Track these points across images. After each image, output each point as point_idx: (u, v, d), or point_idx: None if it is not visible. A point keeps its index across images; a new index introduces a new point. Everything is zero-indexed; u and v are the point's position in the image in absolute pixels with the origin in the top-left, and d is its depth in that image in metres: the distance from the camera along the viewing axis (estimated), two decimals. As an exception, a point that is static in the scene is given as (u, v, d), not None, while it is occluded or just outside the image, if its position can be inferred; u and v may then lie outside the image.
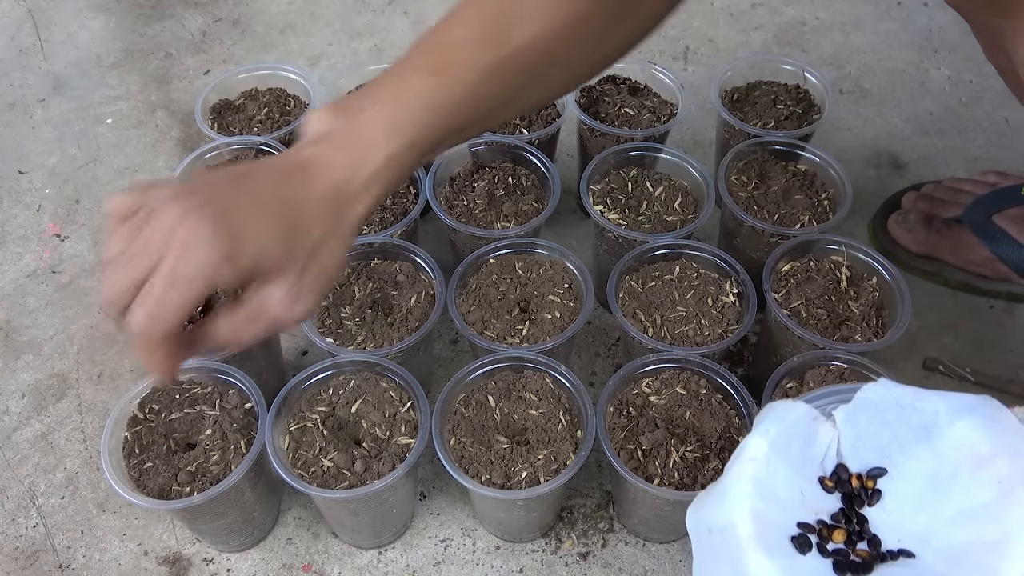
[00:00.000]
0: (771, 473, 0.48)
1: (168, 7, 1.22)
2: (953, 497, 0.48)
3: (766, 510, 0.47)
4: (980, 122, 1.01)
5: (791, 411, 0.51)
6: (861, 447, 0.51)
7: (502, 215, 0.78)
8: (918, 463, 0.50)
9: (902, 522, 0.49)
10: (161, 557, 0.68)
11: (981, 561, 0.44)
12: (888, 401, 0.51)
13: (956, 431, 0.48)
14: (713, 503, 0.48)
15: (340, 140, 0.49)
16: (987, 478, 0.46)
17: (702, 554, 0.49)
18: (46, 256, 0.91)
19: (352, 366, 0.66)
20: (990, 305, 0.83)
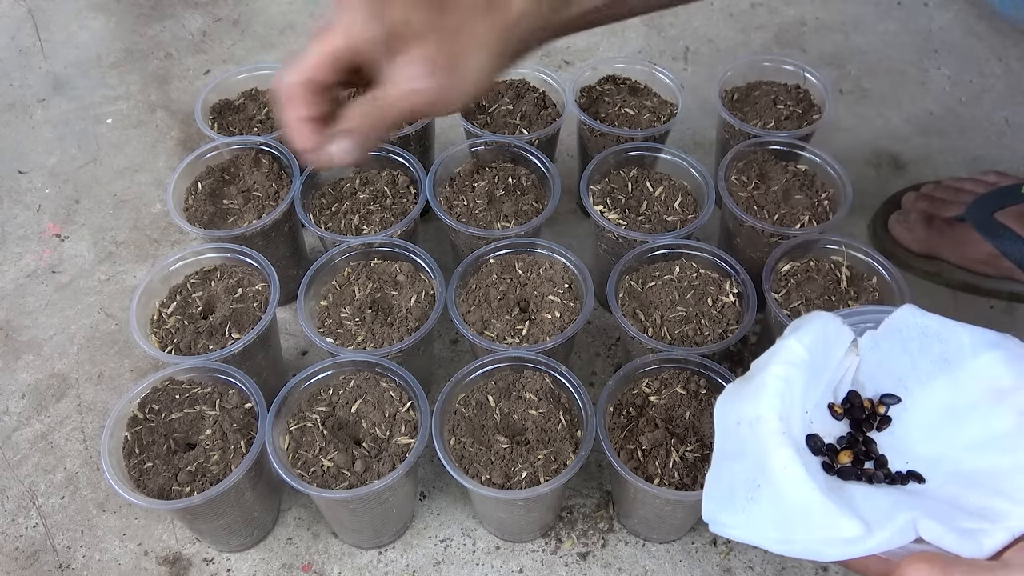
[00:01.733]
0: (796, 382, 0.49)
1: (168, 7, 1.22)
2: (969, 426, 0.48)
3: (789, 414, 0.47)
4: (980, 122, 1.01)
5: (829, 324, 0.51)
6: (880, 373, 0.52)
7: (502, 215, 0.78)
8: (934, 394, 0.50)
9: (912, 447, 0.50)
10: (161, 557, 0.68)
11: (996, 486, 0.45)
12: (914, 329, 0.51)
13: (978, 363, 0.49)
14: (746, 397, 0.49)
15: None
16: (1006, 410, 0.47)
17: (727, 444, 0.49)
18: (46, 256, 0.91)
19: (352, 366, 0.66)
20: (990, 305, 0.83)
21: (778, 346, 0.50)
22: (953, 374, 0.50)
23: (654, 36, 1.15)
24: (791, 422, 0.47)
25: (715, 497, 0.48)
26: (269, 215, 0.76)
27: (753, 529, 0.45)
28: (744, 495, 0.46)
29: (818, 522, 0.43)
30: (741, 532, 0.46)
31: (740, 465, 0.47)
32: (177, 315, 0.71)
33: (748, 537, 0.45)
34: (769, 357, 0.50)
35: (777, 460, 0.45)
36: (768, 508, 0.45)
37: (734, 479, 0.47)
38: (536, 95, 0.89)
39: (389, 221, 0.78)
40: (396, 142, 0.83)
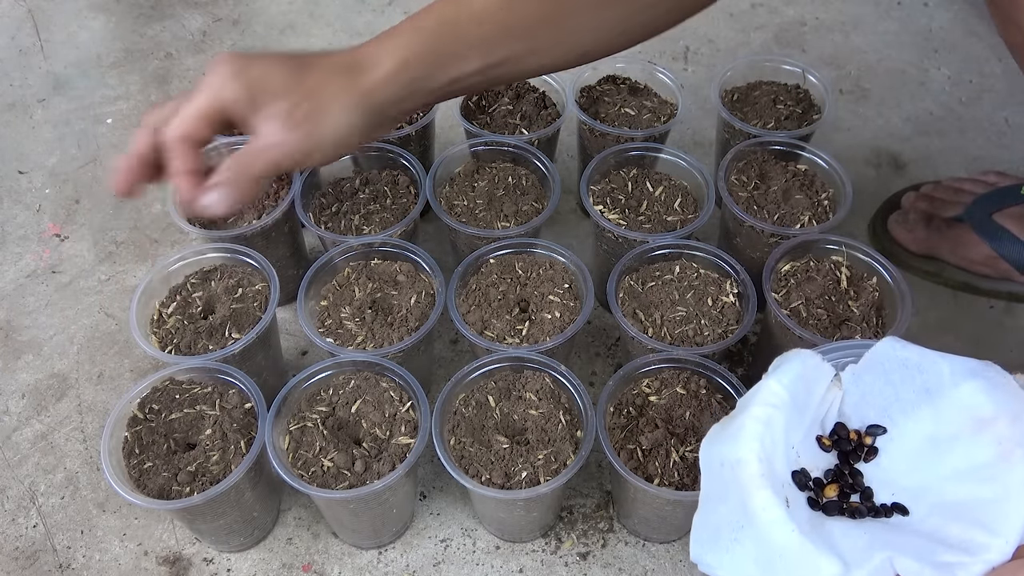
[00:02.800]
0: (777, 422, 0.49)
1: (168, 7, 1.22)
2: (951, 457, 0.49)
3: (770, 454, 0.48)
4: (980, 122, 1.01)
5: (808, 361, 0.52)
6: (864, 405, 0.53)
7: (502, 215, 0.78)
8: (918, 423, 0.51)
9: (897, 479, 0.50)
10: (161, 557, 0.68)
11: (976, 517, 0.45)
12: (895, 361, 0.51)
13: (959, 393, 0.49)
14: (727, 439, 0.49)
15: (350, 51, 0.54)
16: (987, 440, 0.47)
17: (711, 486, 0.50)
18: (46, 256, 0.91)
19: (352, 366, 0.66)
20: (990, 305, 0.83)
21: (759, 387, 0.51)
22: (935, 404, 0.50)
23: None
24: (773, 462, 0.48)
25: (701, 539, 0.49)
26: (269, 215, 0.76)
27: (736, 569, 0.46)
28: (728, 536, 0.47)
29: (797, 562, 0.43)
30: (726, 572, 0.47)
31: (724, 507, 0.48)
32: (177, 315, 0.71)
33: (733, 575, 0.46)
34: (750, 397, 0.51)
35: (757, 502, 0.45)
36: (750, 549, 0.46)
37: (719, 520, 0.48)
38: (536, 95, 0.89)
39: (389, 221, 0.78)
40: (396, 142, 0.83)
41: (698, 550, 0.49)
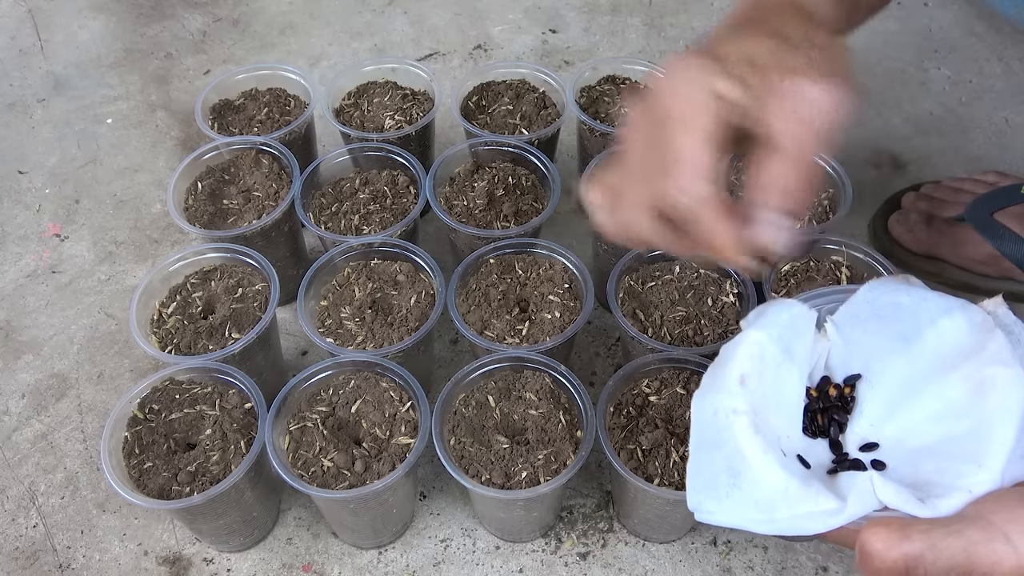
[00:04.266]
0: (770, 370, 0.49)
1: (168, 7, 1.22)
2: (925, 400, 0.49)
3: (763, 405, 0.48)
4: (980, 122, 1.01)
5: (793, 310, 0.51)
6: (848, 356, 0.53)
7: (502, 215, 0.78)
8: (894, 370, 0.51)
9: (879, 428, 0.51)
10: (161, 557, 0.68)
11: (952, 452, 0.45)
12: (886, 305, 0.51)
13: (933, 332, 0.49)
14: (719, 389, 0.49)
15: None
16: (957, 377, 0.47)
17: (705, 434, 0.49)
18: (46, 256, 0.91)
19: (352, 366, 0.66)
20: (991, 303, 0.83)
21: (742, 337, 0.50)
22: (911, 349, 0.50)
23: (654, 36, 1.15)
24: (767, 415, 0.48)
25: (698, 486, 0.48)
26: (269, 215, 0.76)
27: (737, 512, 0.46)
28: (726, 481, 0.47)
29: (797, 499, 0.44)
30: (725, 517, 0.46)
31: (719, 454, 0.47)
32: (177, 315, 0.71)
33: (732, 521, 0.46)
34: (733, 347, 0.50)
35: (754, 449, 0.46)
36: (750, 491, 0.45)
37: (715, 467, 0.47)
38: (536, 95, 0.89)
39: (389, 221, 0.78)
40: (396, 142, 0.83)
41: (696, 498, 0.48)
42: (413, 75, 0.91)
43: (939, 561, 0.38)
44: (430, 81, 0.89)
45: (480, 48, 1.14)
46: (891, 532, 0.39)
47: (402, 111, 0.87)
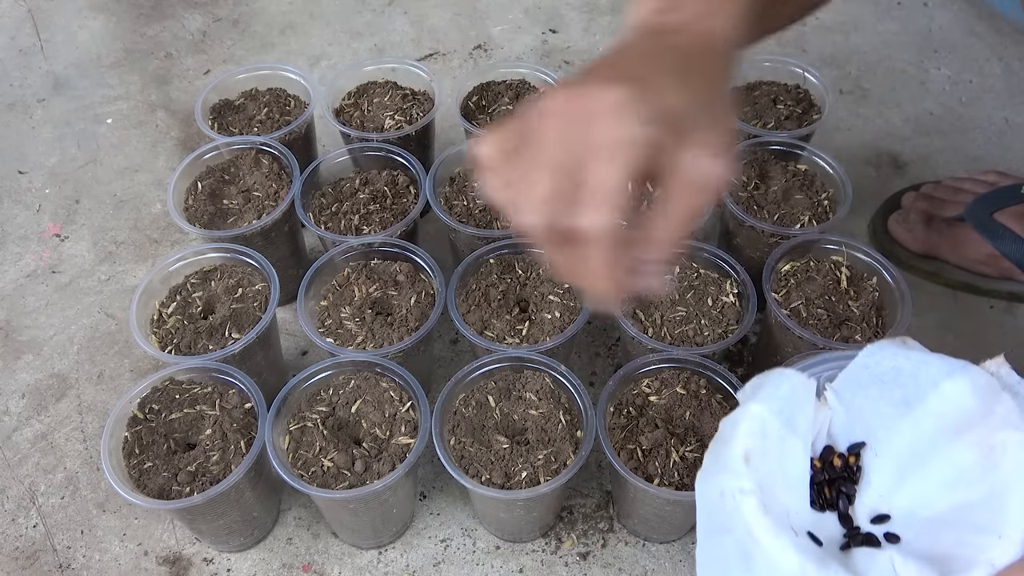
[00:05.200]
0: (773, 446, 0.48)
1: (168, 7, 1.22)
2: (936, 467, 0.48)
3: (770, 483, 0.47)
4: (980, 122, 1.01)
5: (792, 380, 0.50)
6: (850, 424, 0.52)
7: (502, 215, 0.78)
8: (900, 437, 0.50)
9: (890, 498, 0.50)
10: (161, 557, 0.68)
11: (971, 521, 0.44)
12: (888, 370, 0.50)
13: (937, 397, 0.48)
14: (723, 468, 0.48)
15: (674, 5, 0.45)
16: (967, 442, 0.47)
17: (713, 518, 0.48)
18: (46, 256, 0.91)
19: (352, 366, 0.66)
20: (990, 305, 0.83)
21: (742, 412, 0.49)
22: (914, 414, 0.49)
23: (654, 36, 1.15)
24: (775, 491, 0.47)
25: (711, 574, 0.47)
26: (269, 215, 0.76)
27: None
28: (738, 566, 0.45)
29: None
30: None
31: (729, 538, 0.46)
32: (177, 315, 0.71)
33: None
34: (734, 423, 0.49)
35: (765, 531, 0.44)
36: (765, 574, 0.44)
37: (725, 552, 0.46)
38: (536, 95, 0.89)
39: (389, 221, 0.78)
40: (396, 142, 0.83)
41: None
42: (413, 75, 0.91)
43: None
44: (430, 81, 0.89)
45: (480, 48, 1.14)
46: None
47: (402, 111, 0.87)
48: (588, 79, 0.41)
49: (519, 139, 0.41)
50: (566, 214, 0.39)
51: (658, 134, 0.39)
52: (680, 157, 0.40)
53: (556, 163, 0.39)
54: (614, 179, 0.38)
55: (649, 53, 0.44)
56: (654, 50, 0.44)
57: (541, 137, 0.40)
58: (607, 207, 0.38)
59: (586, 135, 0.39)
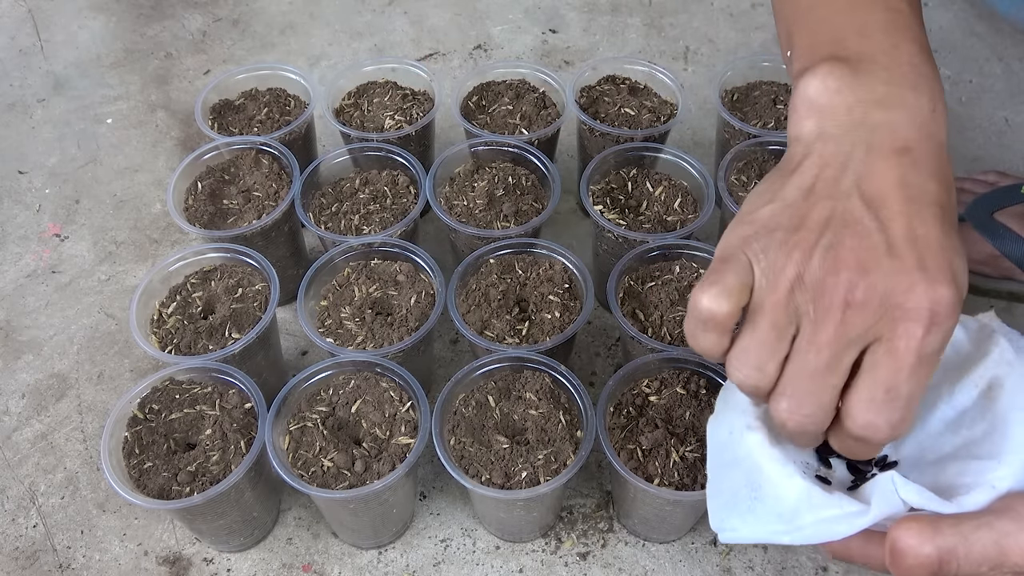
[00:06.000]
0: None
1: (168, 7, 1.22)
2: (939, 411, 0.49)
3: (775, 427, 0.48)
4: (980, 122, 1.01)
5: None
6: None
7: (502, 215, 0.78)
8: None
9: (897, 448, 0.50)
10: (161, 557, 0.68)
11: (972, 453, 0.45)
12: None
13: None
14: (733, 408, 0.49)
15: (884, 99, 0.43)
16: (966, 384, 0.48)
17: (722, 454, 0.49)
18: (46, 256, 0.91)
19: (352, 366, 0.66)
20: (990, 305, 0.83)
21: None
22: None
23: (654, 36, 1.15)
24: (780, 437, 0.48)
25: (719, 505, 0.48)
26: (269, 215, 0.76)
27: (761, 526, 0.45)
28: (747, 495, 0.46)
29: (822, 504, 0.43)
30: (750, 531, 0.46)
31: (738, 470, 0.47)
32: (177, 315, 0.71)
33: (758, 535, 0.46)
34: None
35: (772, 461, 0.45)
36: (772, 504, 0.45)
37: (734, 484, 0.47)
38: (536, 95, 0.89)
39: (389, 221, 0.78)
40: (396, 142, 0.83)
41: (718, 515, 0.47)
42: (413, 75, 0.91)
43: (971, 554, 0.38)
44: (430, 81, 0.89)
45: (480, 48, 1.14)
46: (922, 527, 0.39)
47: (402, 111, 0.87)
48: (887, 253, 0.39)
49: (774, 301, 0.40)
50: (857, 417, 0.40)
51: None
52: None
53: (850, 358, 0.39)
54: (916, 391, 0.39)
55: (917, 205, 0.40)
56: (897, 183, 0.41)
57: (826, 322, 0.39)
58: (904, 417, 0.39)
59: (896, 333, 0.38)
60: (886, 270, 0.38)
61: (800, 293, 0.40)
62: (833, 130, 0.43)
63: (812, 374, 0.40)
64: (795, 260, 0.40)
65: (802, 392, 0.41)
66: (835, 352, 0.40)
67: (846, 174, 0.42)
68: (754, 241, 0.42)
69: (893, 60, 0.44)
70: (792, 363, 0.41)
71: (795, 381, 0.41)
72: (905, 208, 0.40)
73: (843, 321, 0.39)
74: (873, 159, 0.42)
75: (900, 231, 0.39)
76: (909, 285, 0.38)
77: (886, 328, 0.39)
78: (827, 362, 0.40)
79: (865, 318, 0.39)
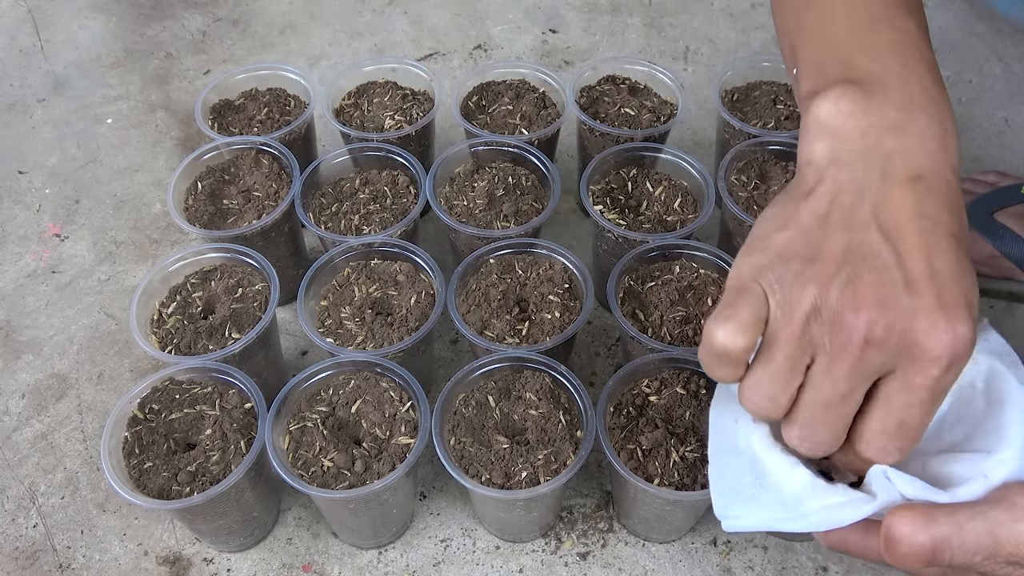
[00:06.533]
0: None
1: (168, 7, 1.22)
2: None
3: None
4: (980, 122, 1.01)
5: None
6: None
7: (502, 215, 0.78)
8: None
9: None
10: (161, 557, 0.68)
11: (960, 449, 0.46)
12: None
13: None
14: (734, 396, 0.49)
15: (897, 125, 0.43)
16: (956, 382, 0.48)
17: (724, 440, 0.49)
18: (46, 256, 0.91)
19: (352, 366, 0.66)
20: (990, 305, 0.83)
21: None
22: None
23: (654, 36, 1.15)
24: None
25: (723, 491, 0.48)
26: (269, 215, 0.76)
27: (765, 514, 0.45)
28: (752, 482, 0.46)
29: (826, 492, 0.44)
30: (754, 519, 0.46)
31: (741, 459, 0.47)
32: (177, 315, 0.71)
33: (762, 523, 0.46)
34: None
35: (774, 454, 0.46)
36: (776, 491, 0.45)
37: (738, 471, 0.47)
38: (536, 95, 0.89)
39: (389, 221, 0.78)
40: (396, 142, 0.83)
41: (722, 502, 0.47)
42: (413, 75, 0.91)
43: (965, 543, 0.38)
44: (430, 81, 0.89)
45: (480, 48, 1.14)
46: (917, 516, 0.39)
47: (402, 111, 0.87)
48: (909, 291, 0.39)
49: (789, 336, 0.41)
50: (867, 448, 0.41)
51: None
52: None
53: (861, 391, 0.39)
54: (924, 421, 0.39)
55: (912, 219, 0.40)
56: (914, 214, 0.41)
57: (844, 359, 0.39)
58: (908, 444, 0.40)
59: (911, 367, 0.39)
60: (905, 308, 0.38)
61: (816, 326, 0.40)
62: (846, 156, 0.43)
63: (826, 405, 0.41)
64: (811, 293, 0.40)
65: (816, 422, 0.41)
66: (851, 386, 0.40)
67: (862, 203, 0.41)
68: (769, 271, 0.42)
69: (904, 83, 0.44)
70: (807, 393, 0.41)
71: (809, 411, 0.41)
72: (922, 241, 0.40)
73: (861, 358, 0.39)
74: (888, 188, 0.41)
75: (919, 266, 0.39)
76: (929, 325, 0.38)
77: (904, 363, 0.39)
78: (842, 395, 0.40)
79: (883, 354, 0.39)
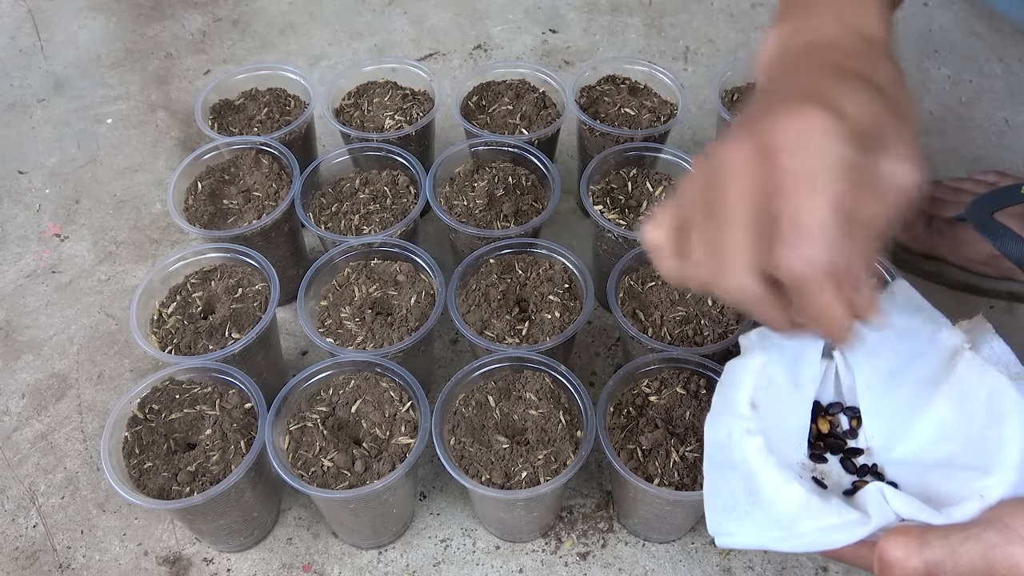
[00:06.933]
0: (771, 397, 0.50)
1: (168, 7, 1.22)
2: (919, 428, 0.50)
3: (772, 428, 0.48)
4: (980, 122, 1.01)
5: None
6: (853, 385, 0.53)
7: (502, 215, 0.78)
8: (891, 399, 0.52)
9: (889, 454, 0.51)
10: (161, 557, 0.68)
11: (955, 463, 0.46)
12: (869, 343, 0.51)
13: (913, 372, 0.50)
14: (730, 411, 0.49)
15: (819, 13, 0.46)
16: (941, 399, 0.49)
17: (718, 455, 0.49)
18: (46, 256, 0.91)
19: (352, 366, 0.66)
20: (990, 305, 0.83)
21: (751, 360, 0.51)
22: (897, 378, 0.51)
23: (654, 36, 1.15)
24: (776, 440, 0.48)
25: (717, 508, 0.48)
26: (269, 215, 0.76)
27: (759, 532, 0.45)
28: (745, 499, 0.46)
29: (820, 512, 0.43)
30: (747, 537, 0.46)
31: (735, 473, 0.47)
32: (177, 315, 0.71)
33: (755, 541, 0.46)
34: (743, 371, 0.51)
35: (769, 468, 0.46)
36: (770, 509, 0.45)
37: (732, 487, 0.47)
38: (536, 95, 0.89)
39: (389, 221, 0.78)
40: (396, 142, 0.83)
41: (716, 519, 0.47)
42: (413, 75, 0.91)
43: (959, 566, 0.38)
44: (430, 81, 0.89)
45: (480, 48, 1.14)
46: (910, 539, 0.39)
47: (402, 111, 0.87)
48: (762, 113, 0.39)
49: (693, 208, 0.40)
50: (781, 262, 0.37)
51: (855, 153, 0.37)
52: (872, 171, 0.38)
53: (750, 212, 0.37)
54: (824, 210, 0.36)
55: (812, 72, 0.42)
56: (816, 68, 0.42)
57: (724, 192, 0.38)
58: (817, 241, 0.36)
59: (780, 172, 0.37)
60: (764, 129, 0.40)
61: (710, 188, 0.41)
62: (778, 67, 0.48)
63: (731, 223, 0.40)
64: (703, 164, 0.43)
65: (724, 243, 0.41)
66: (740, 201, 0.40)
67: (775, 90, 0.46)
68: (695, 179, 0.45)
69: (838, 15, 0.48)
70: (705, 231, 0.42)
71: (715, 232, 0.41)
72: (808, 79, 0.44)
73: (739, 176, 0.40)
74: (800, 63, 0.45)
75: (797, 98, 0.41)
76: (776, 125, 0.39)
77: (775, 175, 0.40)
78: (735, 213, 0.40)
79: (752, 166, 0.40)
